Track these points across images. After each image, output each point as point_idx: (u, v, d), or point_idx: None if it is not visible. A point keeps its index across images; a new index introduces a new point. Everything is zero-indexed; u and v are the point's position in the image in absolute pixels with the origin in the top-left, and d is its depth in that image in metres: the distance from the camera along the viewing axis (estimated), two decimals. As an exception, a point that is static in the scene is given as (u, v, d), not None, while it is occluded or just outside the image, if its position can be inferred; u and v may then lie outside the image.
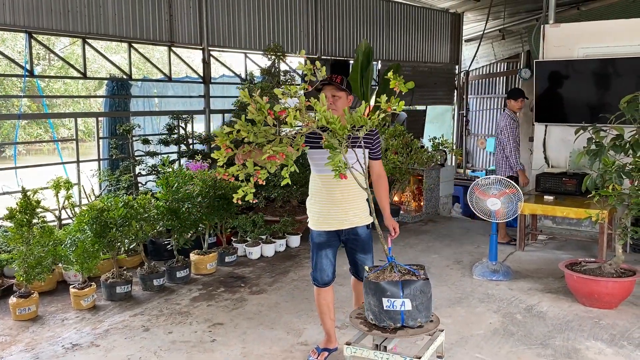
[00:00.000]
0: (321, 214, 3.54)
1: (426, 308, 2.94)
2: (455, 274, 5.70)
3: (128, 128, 6.44)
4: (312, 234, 3.65)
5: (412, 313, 2.89)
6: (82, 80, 14.58)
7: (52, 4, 5.78)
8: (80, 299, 4.76)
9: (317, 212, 3.56)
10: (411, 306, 2.86)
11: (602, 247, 5.77)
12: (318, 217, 3.57)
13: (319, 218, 3.56)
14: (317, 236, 3.61)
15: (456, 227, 7.79)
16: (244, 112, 7.43)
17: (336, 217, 3.50)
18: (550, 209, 6.08)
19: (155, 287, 5.23)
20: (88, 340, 4.16)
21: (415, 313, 2.90)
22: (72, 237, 4.73)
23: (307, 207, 3.67)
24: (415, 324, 2.90)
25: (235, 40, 7.71)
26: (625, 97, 4.72)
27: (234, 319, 4.54)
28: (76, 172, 6.32)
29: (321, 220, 3.56)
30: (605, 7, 9.80)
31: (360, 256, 3.63)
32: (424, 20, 11.04)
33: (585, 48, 6.82)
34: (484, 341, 4.11)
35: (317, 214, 3.57)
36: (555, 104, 7.03)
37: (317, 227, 3.59)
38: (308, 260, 6.19)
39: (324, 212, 3.52)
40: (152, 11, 6.73)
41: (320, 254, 3.63)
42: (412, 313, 2.89)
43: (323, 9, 8.96)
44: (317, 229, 3.59)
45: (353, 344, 2.99)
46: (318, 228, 3.59)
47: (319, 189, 3.55)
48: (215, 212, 5.77)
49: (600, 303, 4.67)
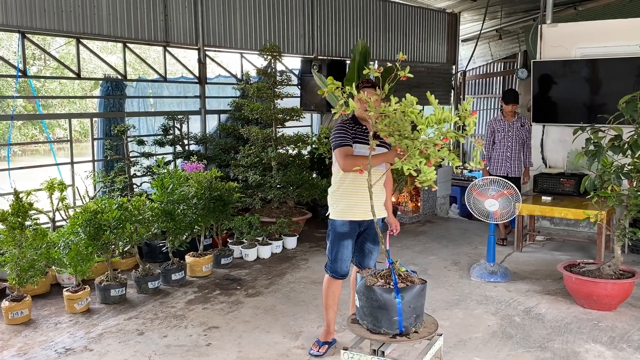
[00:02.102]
0: (348, 205, 3.66)
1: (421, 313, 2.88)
2: (453, 275, 5.66)
3: (123, 129, 6.38)
4: (335, 224, 3.73)
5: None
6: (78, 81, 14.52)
7: (45, 4, 5.71)
8: (73, 303, 4.70)
9: (344, 203, 3.67)
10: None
11: (601, 248, 5.74)
12: (345, 207, 3.67)
13: (345, 208, 3.67)
14: (341, 226, 3.70)
15: (453, 228, 7.75)
16: (240, 113, 7.42)
17: (362, 208, 3.60)
18: (548, 210, 6.05)
19: (150, 289, 5.17)
20: (82, 345, 4.11)
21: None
22: (65, 240, 4.66)
23: (331, 198, 3.77)
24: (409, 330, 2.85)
25: (231, 40, 7.65)
26: (624, 98, 4.69)
27: (230, 322, 4.49)
28: (70, 174, 6.25)
29: (347, 210, 3.66)
30: (603, 7, 9.79)
31: (369, 245, 3.79)
32: (420, 20, 11.00)
33: (582, 48, 6.79)
34: (483, 344, 4.07)
35: (344, 204, 3.67)
36: (553, 104, 7.01)
37: (342, 217, 3.68)
38: (305, 262, 6.14)
39: (351, 203, 3.64)
40: (147, 11, 6.67)
41: (342, 244, 3.72)
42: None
43: (319, 9, 8.90)
44: (343, 218, 3.68)
45: (350, 349, 2.95)
46: (343, 217, 3.68)
47: (350, 181, 3.64)
48: (210, 213, 5.72)
49: (599, 305, 4.63)
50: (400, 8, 10.48)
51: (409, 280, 2.90)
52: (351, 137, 3.59)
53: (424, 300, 2.96)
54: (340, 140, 3.58)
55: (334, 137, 3.63)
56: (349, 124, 3.64)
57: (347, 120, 3.67)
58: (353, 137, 3.60)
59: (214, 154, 7.46)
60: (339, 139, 3.59)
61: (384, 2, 10.09)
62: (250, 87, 7.11)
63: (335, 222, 3.74)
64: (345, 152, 3.53)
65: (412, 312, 2.82)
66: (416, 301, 2.83)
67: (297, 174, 7.03)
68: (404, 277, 2.92)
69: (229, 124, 7.75)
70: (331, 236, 3.79)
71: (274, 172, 7.01)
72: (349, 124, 3.64)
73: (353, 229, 3.73)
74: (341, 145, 3.56)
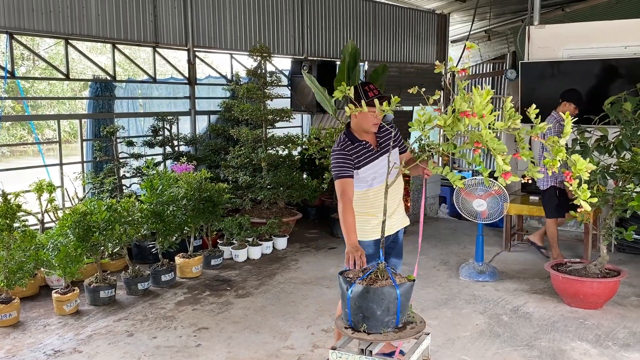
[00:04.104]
0: (372, 224, 3.43)
1: (369, 315, 2.80)
2: (441, 275, 5.70)
3: (112, 130, 6.36)
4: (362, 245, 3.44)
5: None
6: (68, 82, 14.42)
7: (33, 4, 5.68)
8: (62, 304, 4.68)
9: (369, 223, 3.44)
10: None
11: (588, 247, 5.80)
12: (370, 227, 3.44)
13: (371, 228, 3.44)
14: (366, 248, 3.40)
15: (443, 228, 7.80)
16: (230, 114, 7.41)
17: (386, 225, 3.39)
18: (536, 210, 6.10)
19: (140, 291, 5.17)
20: (70, 347, 4.10)
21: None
22: (54, 241, 4.65)
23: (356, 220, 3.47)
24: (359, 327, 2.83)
25: (221, 40, 7.65)
26: (609, 99, 4.76)
27: (220, 323, 4.50)
28: (59, 175, 6.22)
29: (372, 230, 3.43)
30: (590, 9, 9.88)
31: (394, 260, 3.64)
32: (410, 21, 11.05)
33: (569, 49, 6.86)
34: (470, 343, 4.10)
35: (369, 225, 3.44)
36: (540, 104, 7.04)
37: (367, 237, 3.45)
38: (295, 262, 6.16)
39: (374, 222, 3.41)
40: (137, 12, 6.66)
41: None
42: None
43: (309, 10, 8.92)
44: (367, 239, 3.45)
45: (338, 348, 2.96)
46: (368, 238, 3.45)
47: (370, 203, 3.43)
48: (200, 214, 5.72)
49: (585, 303, 4.69)
50: (390, 9, 10.53)
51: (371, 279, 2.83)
52: (353, 164, 3.31)
53: (373, 304, 2.75)
54: (338, 170, 3.30)
55: (332, 166, 3.36)
56: (347, 148, 3.33)
57: (343, 142, 3.36)
58: (355, 161, 3.32)
59: (203, 155, 7.46)
60: (336, 169, 3.31)
61: (374, 3, 10.12)
62: (240, 88, 7.11)
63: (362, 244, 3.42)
64: (343, 188, 3.26)
65: (358, 310, 2.79)
66: (360, 301, 2.79)
67: (288, 174, 7.04)
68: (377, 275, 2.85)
69: (219, 124, 7.76)
70: None
71: (264, 173, 7.02)
72: (348, 147, 3.33)
73: (377, 248, 3.39)
74: (339, 176, 3.29)
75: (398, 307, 2.73)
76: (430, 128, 2.64)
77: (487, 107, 2.35)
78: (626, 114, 4.62)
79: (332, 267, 5.90)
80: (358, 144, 3.34)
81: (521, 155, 2.45)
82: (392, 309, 2.74)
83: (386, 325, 2.76)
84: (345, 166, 3.29)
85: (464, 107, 2.31)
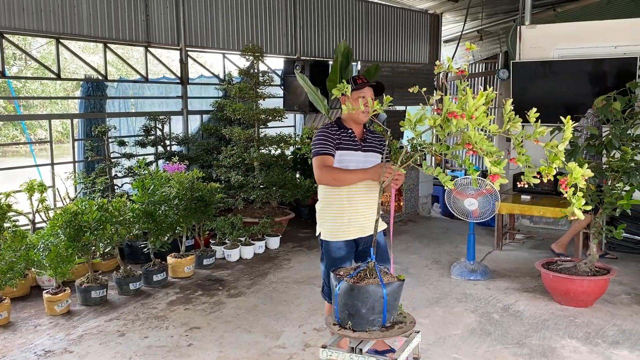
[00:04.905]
0: (341, 223, 3.29)
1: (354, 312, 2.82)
2: (433, 274, 5.71)
3: (103, 130, 6.35)
4: (329, 247, 3.35)
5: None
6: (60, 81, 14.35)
7: (24, 3, 5.66)
8: (53, 305, 4.66)
9: (335, 222, 3.31)
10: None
11: (578, 246, 5.85)
12: (337, 226, 3.30)
13: (339, 227, 3.30)
14: (337, 250, 3.30)
15: (435, 227, 7.82)
16: (222, 113, 7.40)
17: (357, 224, 3.29)
18: (527, 209, 6.14)
19: (132, 291, 5.16)
20: (61, 347, 4.08)
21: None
22: (45, 241, 4.63)
23: (320, 217, 3.41)
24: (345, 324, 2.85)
25: (213, 40, 7.65)
26: (599, 98, 4.79)
27: (211, 323, 4.49)
28: (51, 175, 6.20)
29: (341, 230, 3.30)
30: (581, 9, 9.94)
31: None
32: (403, 21, 11.08)
33: (560, 49, 6.91)
34: (462, 341, 4.12)
35: (336, 224, 3.31)
36: (532, 104, 7.08)
37: (335, 238, 3.31)
38: (287, 262, 6.16)
39: (343, 221, 3.28)
40: (128, 11, 6.64)
41: None
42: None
43: (302, 9, 8.93)
44: (336, 239, 3.31)
45: (329, 346, 2.97)
46: (337, 238, 3.30)
47: (340, 197, 3.28)
48: (192, 214, 5.71)
49: (575, 301, 4.72)
50: (383, 9, 10.55)
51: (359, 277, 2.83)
52: (334, 145, 3.22)
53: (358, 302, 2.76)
54: (319, 147, 3.20)
55: (313, 144, 3.26)
56: (332, 129, 3.26)
57: (330, 124, 3.33)
58: (337, 143, 3.23)
59: (196, 154, 7.45)
60: (318, 146, 3.21)
61: (367, 3, 10.14)
62: (233, 87, 7.11)
63: (329, 246, 3.33)
64: (322, 162, 3.16)
65: (344, 307, 2.81)
66: (346, 298, 2.80)
67: (280, 174, 7.05)
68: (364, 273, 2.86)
69: (211, 124, 7.75)
70: (325, 259, 3.38)
71: (256, 173, 7.02)
72: (333, 129, 3.27)
73: (350, 251, 3.32)
74: (319, 153, 3.18)
75: (384, 306, 2.74)
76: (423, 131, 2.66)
77: (480, 108, 2.36)
78: (615, 113, 4.66)
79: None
80: (344, 130, 3.28)
81: (517, 160, 2.46)
82: (378, 308, 2.74)
83: (372, 323, 2.77)
84: (327, 144, 3.21)
85: (452, 108, 2.33)
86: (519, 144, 2.53)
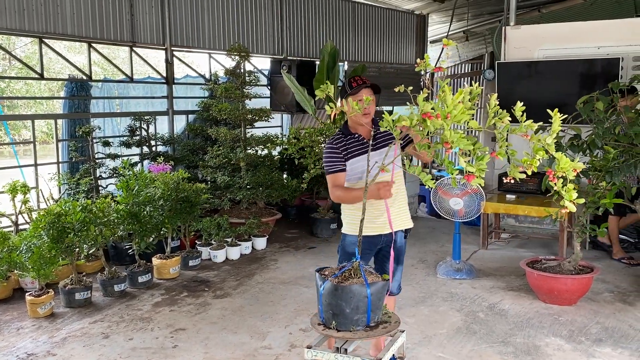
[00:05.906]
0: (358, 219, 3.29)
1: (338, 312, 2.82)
2: (419, 273, 5.73)
3: (88, 130, 6.29)
4: (345, 240, 3.40)
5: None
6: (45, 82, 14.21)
7: (5, 3, 5.58)
8: (36, 307, 4.61)
9: (354, 216, 3.32)
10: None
11: (562, 244, 5.90)
12: (354, 220, 3.28)
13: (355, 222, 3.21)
14: (350, 245, 3.34)
15: (421, 227, 7.84)
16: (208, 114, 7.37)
17: (378, 222, 3.31)
18: (512, 208, 6.18)
19: (116, 292, 5.11)
20: (44, 350, 4.04)
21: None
22: (27, 243, 4.58)
23: (343, 211, 3.47)
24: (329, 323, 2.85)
25: (199, 40, 7.61)
26: (582, 98, 4.83)
27: (197, 324, 4.47)
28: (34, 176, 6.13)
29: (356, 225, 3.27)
30: (565, 10, 10.03)
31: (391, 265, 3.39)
32: (389, 21, 11.10)
33: (545, 50, 6.96)
34: (447, 340, 4.14)
35: (354, 217, 3.31)
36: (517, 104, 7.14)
37: (351, 232, 3.35)
38: (274, 262, 6.15)
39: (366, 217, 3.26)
40: (113, 10, 6.58)
41: None
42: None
43: (288, 10, 8.92)
44: (351, 232, 3.34)
45: (314, 347, 2.97)
46: (352, 232, 3.34)
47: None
48: (177, 215, 5.67)
49: (559, 300, 4.76)
50: (369, 9, 10.57)
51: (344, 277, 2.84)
52: (342, 157, 3.27)
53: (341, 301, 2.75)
54: (327, 166, 3.29)
55: (323, 163, 3.36)
56: (337, 141, 3.31)
57: (335, 135, 3.37)
58: (346, 154, 3.28)
59: (181, 155, 7.41)
60: (326, 165, 3.30)
61: (353, 4, 10.15)
62: (219, 87, 7.07)
63: (345, 238, 3.38)
64: (332, 182, 3.27)
65: (328, 307, 2.81)
66: (330, 298, 2.81)
67: (267, 174, 7.02)
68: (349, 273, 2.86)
69: (197, 124, 7.70)
70: (340, 252, 3.44)
71: (243, 173, 6.99)
72: (338, 140, 3.32)
73: (367, 248, 3.30)
74: (329, 172, 3.28)
75: (368, 306, 2.74)
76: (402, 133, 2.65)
77: (458, 106, 2.37)
78: (598, 113, 4.70)
79: (311, 267, 5.90)
80: (350, 136, 3.33)
81: (497, 154, 2.47)
82: (362, 308, 2.74)
83: (356, 323, 2.77)
84: (334, 160, 3.28)
85: (427, 109, 2.33)
86: (502, 139, 2.55)
